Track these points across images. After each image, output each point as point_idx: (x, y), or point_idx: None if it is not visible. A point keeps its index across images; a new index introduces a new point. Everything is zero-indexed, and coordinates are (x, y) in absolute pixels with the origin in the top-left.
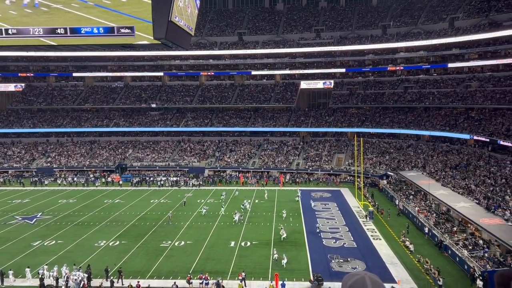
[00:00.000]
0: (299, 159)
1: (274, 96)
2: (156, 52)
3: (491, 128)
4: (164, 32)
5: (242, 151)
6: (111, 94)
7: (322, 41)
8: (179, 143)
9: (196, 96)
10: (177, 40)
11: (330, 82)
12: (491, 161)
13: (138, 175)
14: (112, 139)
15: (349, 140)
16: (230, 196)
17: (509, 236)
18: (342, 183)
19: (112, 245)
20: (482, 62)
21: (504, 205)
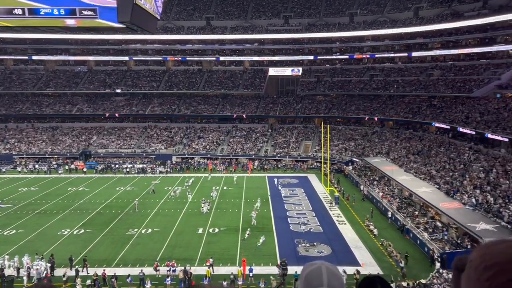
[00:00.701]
0: (267, 146)
1: (242, 82)
2: (121, 36)
3: (451, 115)
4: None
5: (210, 138)
6: (74, 79)
7: (291, 27)
8: (145, 129)
9: (163, 81)
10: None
11: (298, 69)
12: (451, 148)
13: (103, 162)
14: (76, 125)
15: (316, 127)
16: (199, 182)
17: (466, 219)
18: (309, 170)
19: (77, 234)
20: (444, 51)
21: (462, 190)
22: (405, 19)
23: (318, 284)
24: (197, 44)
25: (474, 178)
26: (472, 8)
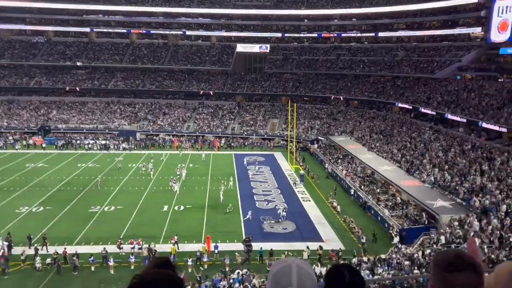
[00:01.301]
0: (234, 124)
1: (209, 58)
2: (82, 6)
3: (414, 96)
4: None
5: (176, 115)
6: (31, 50)
7: (259, 3)
8: (108, 104)
9: (127, 55)
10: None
11: (266, 47)
12: (412, 127)
13: (63, 137)
14: (34, 99)
15: (283, 105)
16: (164, 160)
17: (425, 197)
18: (276, 148)
19: (36, 211)
20: (409, 32)
21: (422, 168)
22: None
23: (286, 284)
24: (163, 17)
25: (433, 157)
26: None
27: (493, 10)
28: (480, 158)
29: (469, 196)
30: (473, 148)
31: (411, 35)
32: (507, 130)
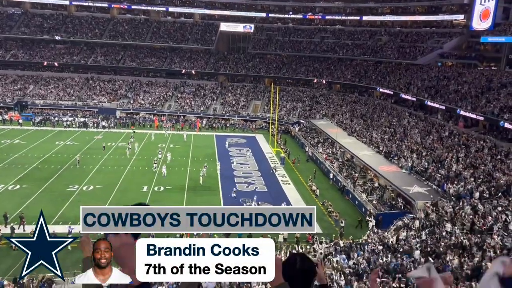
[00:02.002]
0: (216, 104)
1: (192, 36)
2: None
3: (395, 81)
4: None
5: (157, 93)
6: (7, 21)
7: None
8: (87, 80)
9: (107, 30)
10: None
11: (250, 26)
12: (393, 113)
13: (41, 114)
14: (9, 73)
15: (266, 87)
16: (144, 139)
17: (402, 182)
18: (258, 130)
19: (12, 189)
20: (393, 17)
21: (400, 154)
22: None
23: None
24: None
25: (411, 143)
26: None
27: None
28: (456, 145)
29: (444, 182)
30: (450, 135)
31: (395, 19)
32: (484, 118)
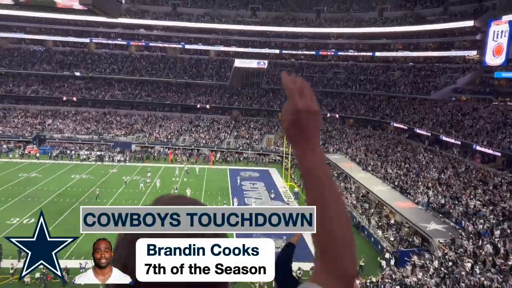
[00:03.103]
0: (230, 138)
1: (207, 72)
2: (82, 17)
3: (409, 116)
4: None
5: (172, 127)
6: (30, 58)
7: (258, 20)
8: (104, 115)
9: (125, 66)
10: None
11: (264, 62)
12: (407, 148)
13: (58, 147)
14: (30, 107)
15: (279, 121)
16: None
17: (418, 219)
18: (271, 163)
19: (26, 223)
20: (405, 53)
21: (416, 190)
22: (370, 19)
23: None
24: (162, 30)
25: (427, 178)
26: (433, 13)
27: (489, 34)
28: (474, 181)
29: (462, 219)
30: (467, 171)
31: (408, 55)
32: (501, 154)
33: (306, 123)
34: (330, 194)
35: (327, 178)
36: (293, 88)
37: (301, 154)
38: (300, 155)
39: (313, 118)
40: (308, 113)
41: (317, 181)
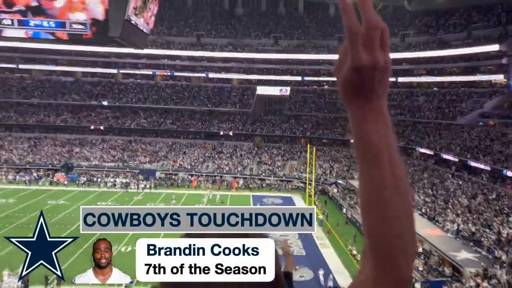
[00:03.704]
0: (252, 164)
1: (230, 99)
2: (110, 49)
3: (435, 141)
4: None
5: (195, 154)
6: (60, 89)
7: (280, 48)
8: (130, 143)
9: (151, 95)
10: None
11: (286, 89)
12: (434, 174)
13: (85, 175)
14: (59, 136)
15: (302, 147)
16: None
17: (448, 247)
18: (294, 190)
19: None
20: (429, 78)
21: (444, 217)
22: (392, 45)
23: None
24: (187, 60)
25: (456, 205)
26: (457, 38)
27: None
28: (506, 208)
29: (495, 248)
30: (498, 197)
31: (432, 80)
32: None
33: (370, 84)
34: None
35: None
36: (357, 30)
37: (358, 115)
38: (356, 115)
39: (381, 76)
40: (375, 70)
41: (377, 163)
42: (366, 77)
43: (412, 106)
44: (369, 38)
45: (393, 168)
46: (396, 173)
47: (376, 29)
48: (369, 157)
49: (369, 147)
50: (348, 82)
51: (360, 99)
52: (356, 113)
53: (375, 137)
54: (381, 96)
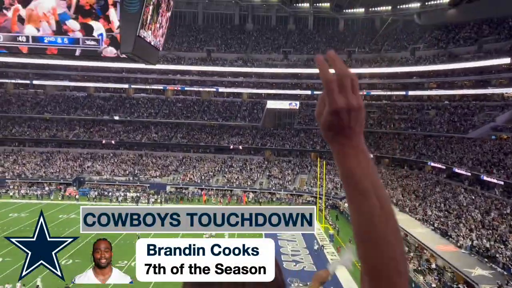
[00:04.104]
0: (262, 178)
1: (240, 114)
2: (122, 64)
3: (447, 155)
4: (131, 46)
5: (205, 168)
6: (73, 104)
7: (289, 62)
8: (140, 157)
9: (162, 110)
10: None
11: (296, 103)
12: (446, 188)
13: (96, 189)
14: (71, 151)
15: (312, 161)
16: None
17: (462, 263)
18: (304, 204)
19: (64, 264)
20: (440, 91)
21: (458, 232)
22: (402, 59)
23: None
24: (197, 75)
25: (469, 220)
26: (467, 51)
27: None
28: None
29: (510, 265)
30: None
31: (442, 94)
32: None
33: (347, 123)
34: (383, 215)
35: (377, 189)
36: (331, 79)
37: (340, 151)
38: (339, 152)
39: (356, 116)
40: (350, 111)
41: (364, 196)
42: (343, 118)
43: (423, 120)
44: (342, 85)
45: (379, 197)
46: (381, 200)
47: (346, 76)
48: (357, 190)
49: (356, 181)
50: (328, 124)
51: (340, 138)
52: (339, 151)
53: (358, 170)
54: (358, 133)
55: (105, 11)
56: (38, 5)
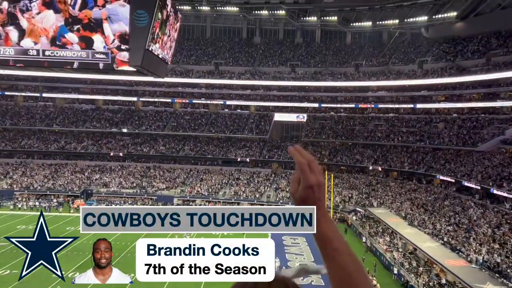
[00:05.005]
0: (270, 191)
1: (248, 126)
2: (131, 77)
3: (456, 168)
4: (140, 59)
5: (213, 181)
6: (82, 116)
7: (297, 75)
8: (148, 169)
9: (169, 122)
10: (153, 68)
11: (303, 116)
12: (456, 201)
13: (104, 201)
14: (79, 163)
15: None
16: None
17: (473, 279)
18: None
19: (71, 277)
20: (448, 104)
21: (467, 247)
22: (409, 71)
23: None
24: (205, 88)
25: (479, 234)
26: (475, 64)
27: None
28: None
29: None
30: None
31: (451, 107)
32: None
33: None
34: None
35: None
36: (304, 162)
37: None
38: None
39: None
40: (319, 187)
41: (337, 252)
42: (315, 191)
43: (432, 133)
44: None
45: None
46: (350, 253)
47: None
48: (331, 248)
49: (329, 241)
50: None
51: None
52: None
53: (330, 233)
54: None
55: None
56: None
